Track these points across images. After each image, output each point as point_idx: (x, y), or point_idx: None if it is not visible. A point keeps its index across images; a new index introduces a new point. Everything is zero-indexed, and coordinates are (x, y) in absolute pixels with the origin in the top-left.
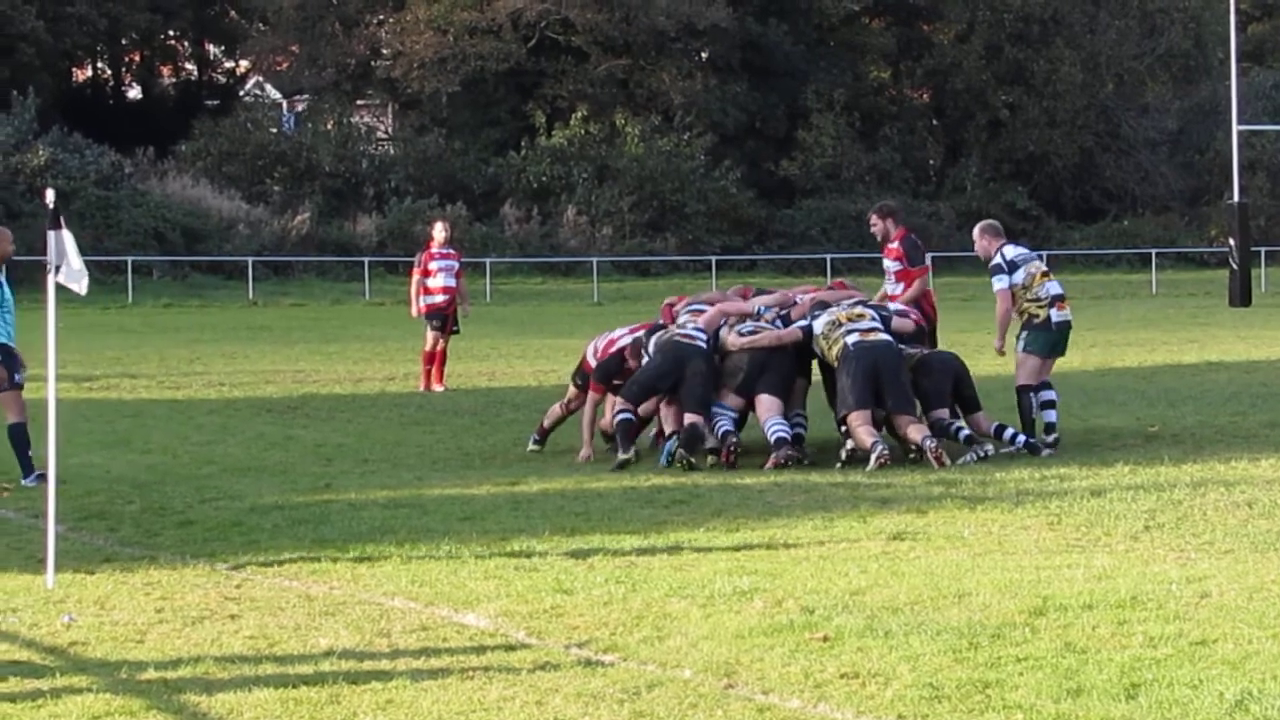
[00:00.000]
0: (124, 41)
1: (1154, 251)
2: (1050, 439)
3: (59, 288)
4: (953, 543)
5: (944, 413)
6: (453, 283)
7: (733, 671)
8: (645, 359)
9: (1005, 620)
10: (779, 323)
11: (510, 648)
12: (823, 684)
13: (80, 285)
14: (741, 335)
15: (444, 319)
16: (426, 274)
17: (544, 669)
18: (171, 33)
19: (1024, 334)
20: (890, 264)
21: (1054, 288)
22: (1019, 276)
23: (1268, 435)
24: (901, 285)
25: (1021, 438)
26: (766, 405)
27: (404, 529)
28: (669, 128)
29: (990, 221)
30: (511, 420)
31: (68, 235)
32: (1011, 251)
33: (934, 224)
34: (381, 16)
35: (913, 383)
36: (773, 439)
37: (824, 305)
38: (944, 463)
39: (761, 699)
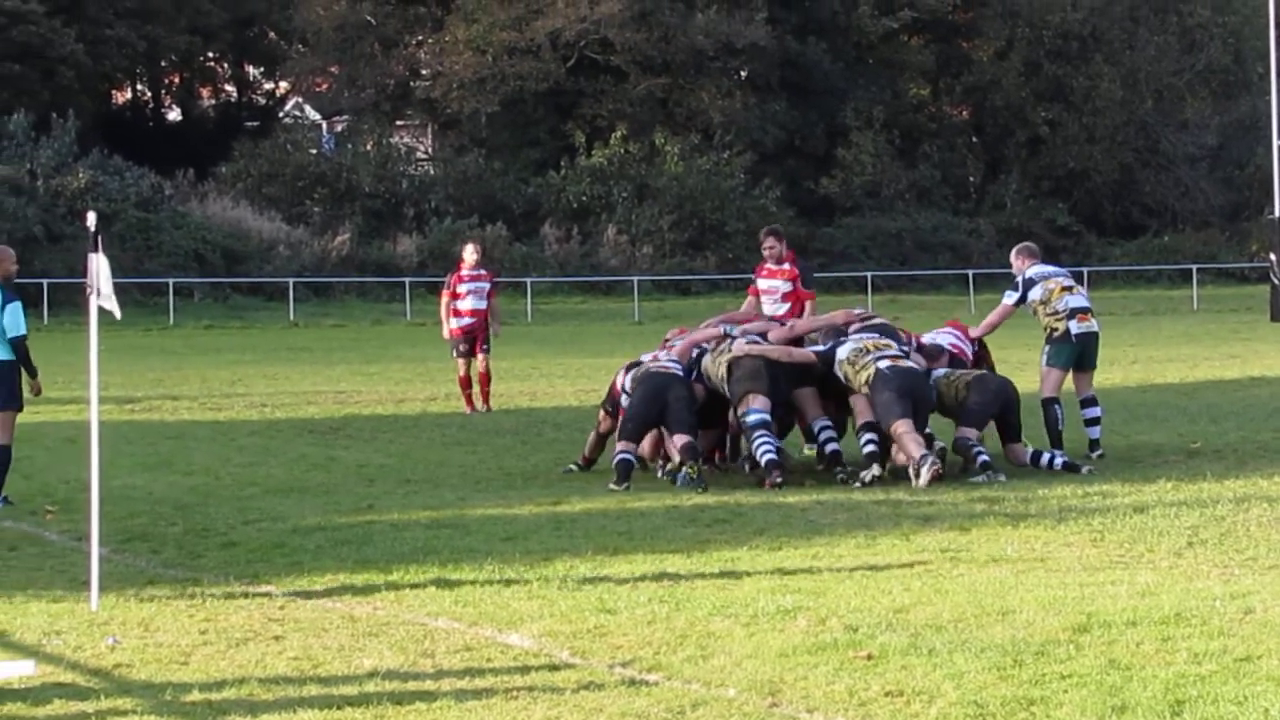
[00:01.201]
0: (163, 63)
1: (1195, 267)
2: (1095, 454)
3: (100, 310)
4: (996, 560)
5: (972, 433)
6: (482, 305)
7: (777, 690)
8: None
9: (1049, 637)
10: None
11: (554, 668)
12: (867, 702)
13: (113, 307)
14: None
15: (472, 342)
16: (455, 296)
17: (588, 689)
18: (211, 54)
19: (1046, 348)
20: (780, 284)
21: (1075, 300)
22: (1035, 293)
23: None
24: (788, 306)
25: (1060, 459)
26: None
27: (447, 549)
28: (708, 146)
29: (1027, 244)
30: (553, 440)
31: (103, 260)
32: (1034, 270)
33: (974, 241)
34: (420, 37)
35: (964, 398)
36: (762, 461)
37: (839, 332)
38: (939, 476)
39: (806, 717)
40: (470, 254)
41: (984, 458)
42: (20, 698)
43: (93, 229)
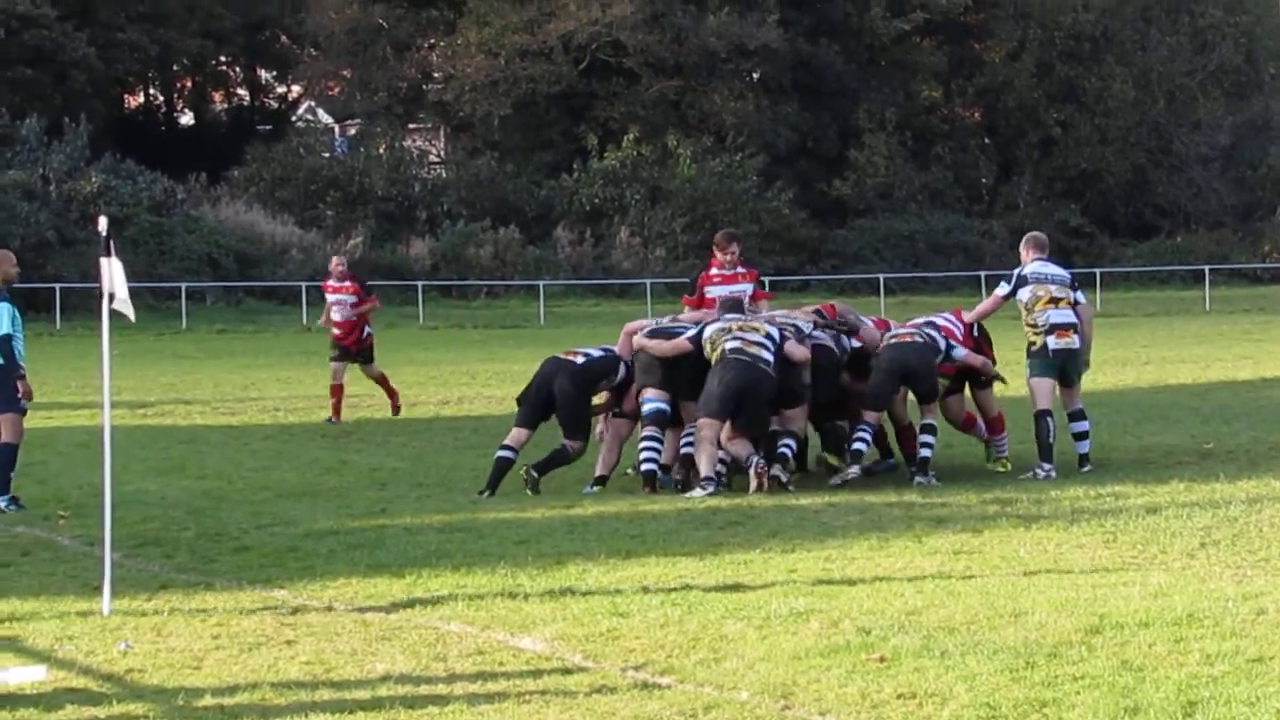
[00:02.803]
0: (175, 67)
1: (1207, 268)
2: (1083, 469)
3: (112, 314)
4: (1008, 562)
5: (871, 418)
6: (346, 316)
7: (790, 693)
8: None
9: (1062, 639)
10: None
11: (567, 671)
12: (880, 704)
13: (128, 310)
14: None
15: (344, 350)
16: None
17: (600, 692)
18: (223, 58)
19: (1028, 361)
20: (746, 287)
21: (1056, 316)
22: (1024, 294)
23: None
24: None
25: (1045, 471)
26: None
27: (459, 553)
28: (721, 149)
29: (1035, 235)
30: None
31: (116, 263)
32: (1031, 268)
33: (987, 242)
34: (433, 40)
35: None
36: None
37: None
38: (763, 485)
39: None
40: (333, 265)
41: (858, 445)
42: (33, 703)
43: (105, 233)
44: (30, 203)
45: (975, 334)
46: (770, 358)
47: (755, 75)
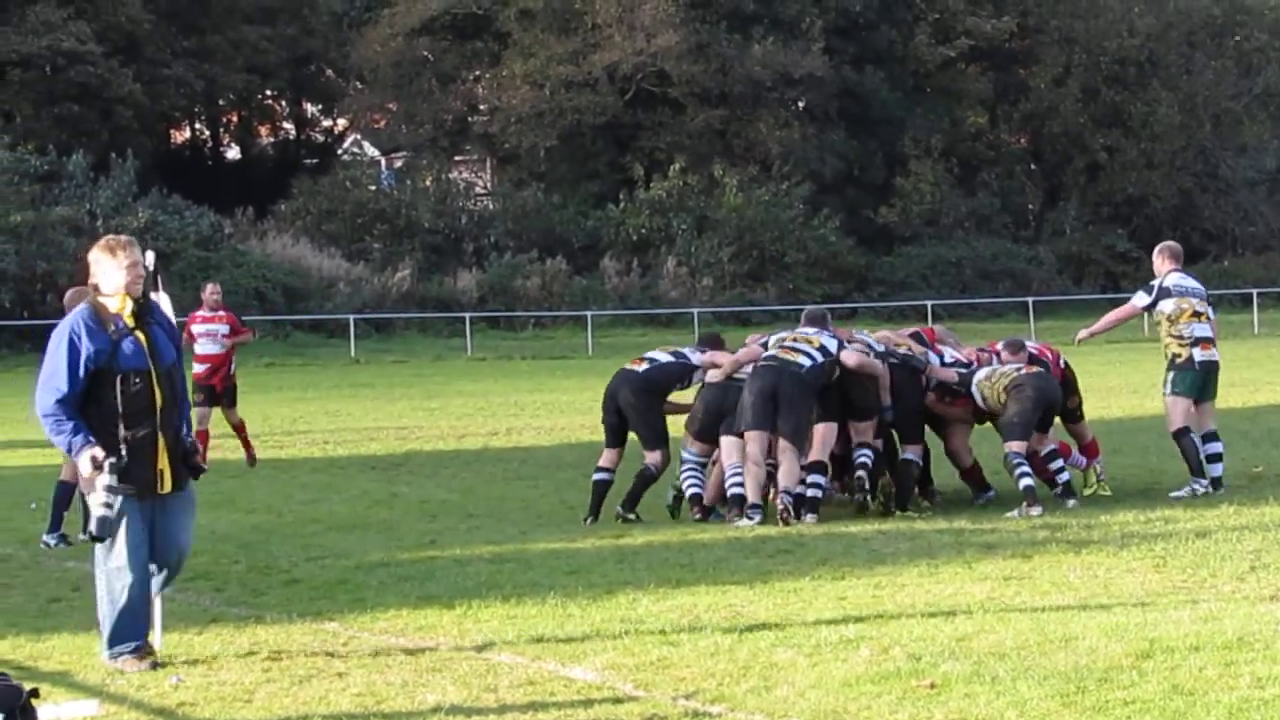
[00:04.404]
0: (221, 102)
1: (1255, 291)
2: (1218, 490)
3: None
4: (1058, 587)
5: (1017, 446)
6: (218, 349)
7: (840, 719)
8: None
9: (1112, 664)
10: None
11: (618, 700)
12: None
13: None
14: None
15: (210, 391)
16: (192, 339)
17: None
18: (269, 92)
19: (1169, 375)
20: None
21: (1201, 329)
22: (1167, 306)
23: None
24: None
25: (1198, 488)
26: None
27: (509, 584)
28: (767, 177)
29: (1171, 244)
30: (618, 473)
31: (164, 297)
32: (1174, 280)
33: (1034, 268)
34: (478, 72)
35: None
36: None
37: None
38: (788, 522)
39: None
40: (207, 293)
41: (1026, 481)
42: None
43: (152, 268)
44: (78, 238)
45: (1063, 367)
46: (807, 362)
47: (800, 104)
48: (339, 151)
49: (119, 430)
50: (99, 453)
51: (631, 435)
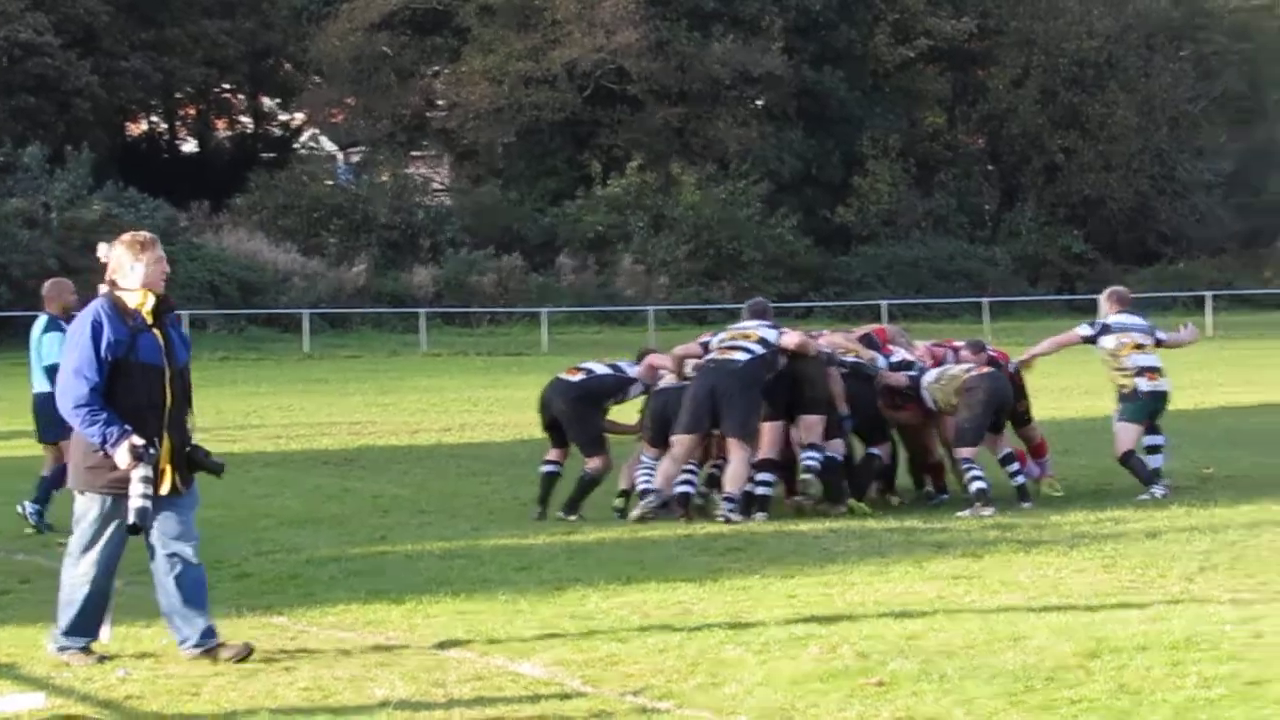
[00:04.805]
0: (179, 95)
1: (1209, 294)
2: (1159, 484)
3: None
4: (1008, 586)
5: (967, 452)
6: None
7: (788, 717)
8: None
9: (1060, 663)
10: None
11: (566, 696)
12: None
13: None
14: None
15: None
16: None
17: (599, 717)
18: (226, 86)
19: (1119, 406)
20: None
21: (1145, 359)
22: (1109, 342)
23: None
24: None
25: (1158, 491)
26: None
27: (460, 579)
28: (724, 176)
29: (1118, 289)
30: (567, 470)
31: None
32: (1115, 319)
33: (990, 269)
34: (437, 68)
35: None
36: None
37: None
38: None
39: None
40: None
41: (979, 484)
42: None
43: (105, 260)
44: (32, 231)
45: (1013, 370)
46: (744, 356)
47: (759, 102)
48: (296, 146)
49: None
50: (139, 441)
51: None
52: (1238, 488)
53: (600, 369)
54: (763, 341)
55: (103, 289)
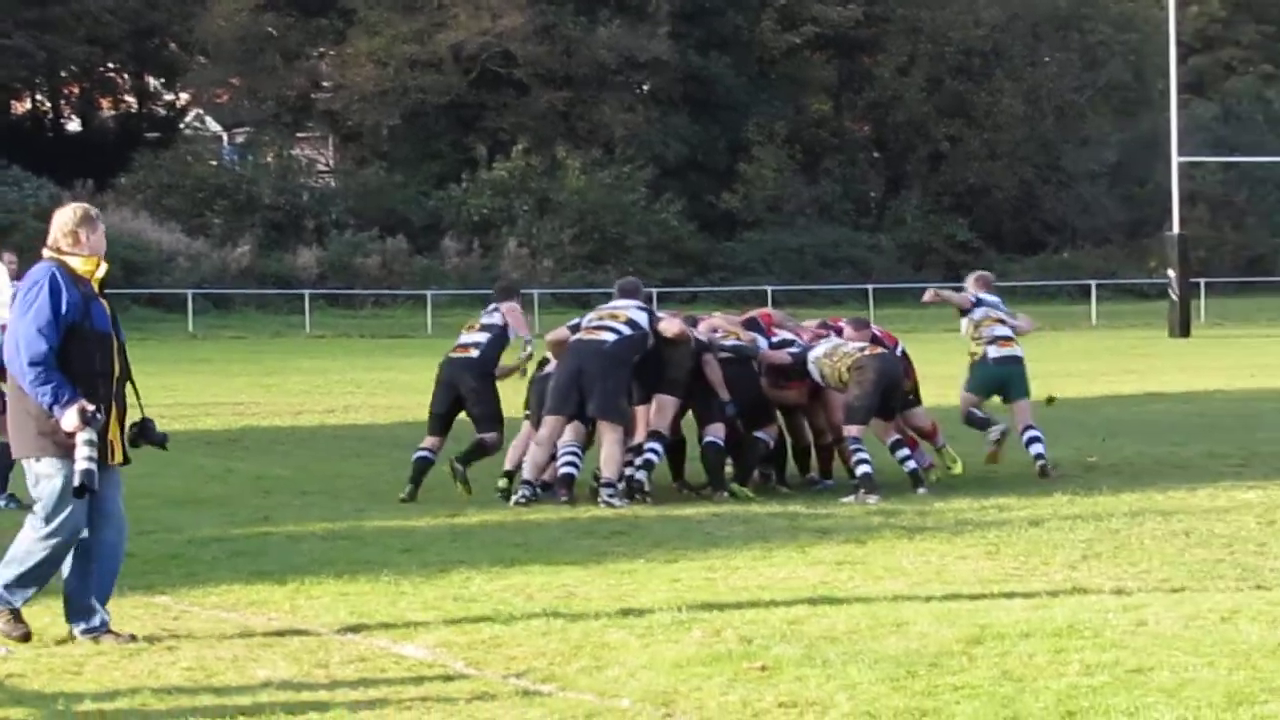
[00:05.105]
0: (63, 74)
1: (1094, 283)
2: (1042, 464)
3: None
4: (891, 573)
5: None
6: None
7: (671, 701)
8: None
9: (943, 649)
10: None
11: (448, 678)
12: (760, 713)
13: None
14: None
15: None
16: None
17: (482, 699)
18: (111, 65)
19: (968, 374)
20: None
21: (999, 330)
22: (978, 314)
23: (1205, 465)
24: None
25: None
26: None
27: (343, 561)
28: (610, 160)
29: (984, 273)
30: (451, 452)
31: (1, 269)
32: (986, 297)
33: (875, 256)
34: (322, 49)
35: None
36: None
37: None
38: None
39: None
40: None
41: (864, 469)
42: None
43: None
44: None
45: (901, 354)
46: (611, 337)
47: (645, 87)
48: (181, 126)
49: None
50: (89, 405)
51: (462, 417)
52: (1121, 476)
53: (483, 337)
54: (631, 323)
55: (48, 254)
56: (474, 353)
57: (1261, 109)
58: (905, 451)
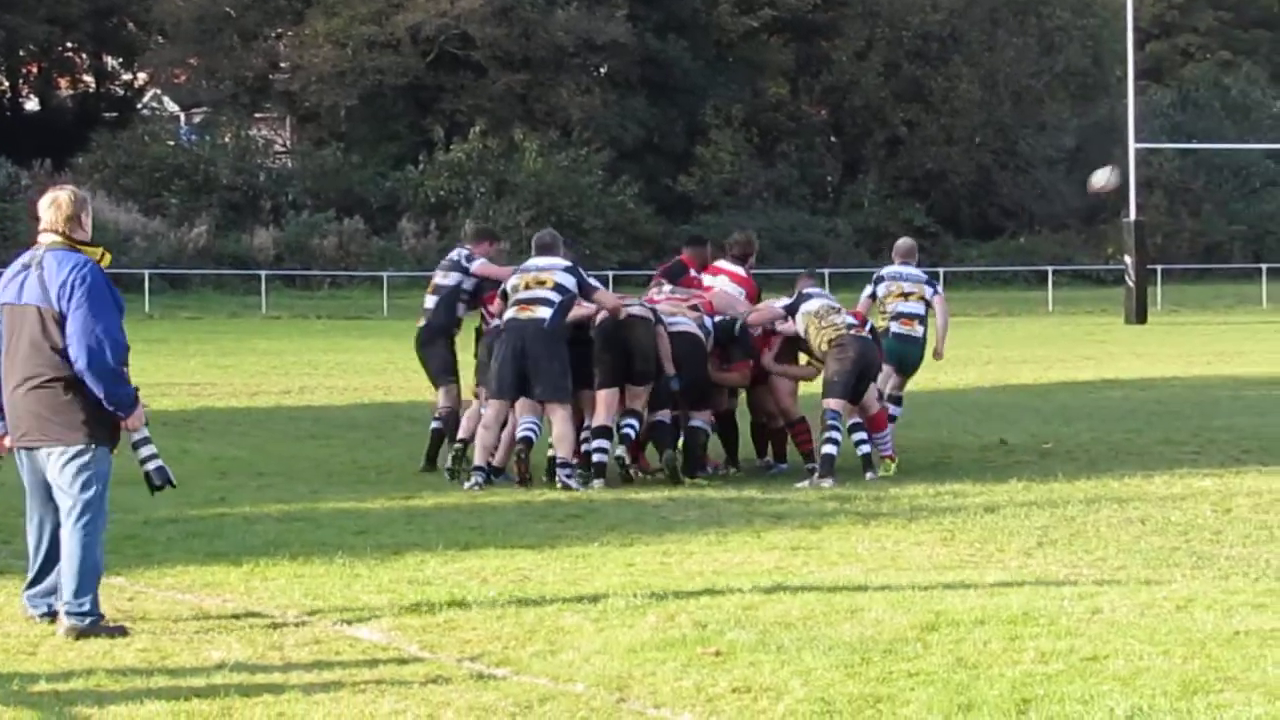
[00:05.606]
0: (21, 53)
1: (1050, 269)
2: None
3: None
4: (846, 558)
5: (835, 404)
6: None
7: (625, 685)
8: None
9: (897, 636)
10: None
11: (403, 661)
12: (714, 698)
13: None
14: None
15: None
16: None
17: (436, 682)
18: (69, 44)
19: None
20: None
21: (904, 306)
22: (879, 290)
23: (1161, 452)
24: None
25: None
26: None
27: (298, 543)
28: (567, 143)
29: (903, 240)
30: (408, 434)
31: None
32: (889, 270)
33: (831, 240)
34: (280, 30)
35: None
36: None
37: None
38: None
39: (654, 713)
40: None
41: (828, 449)
42: None
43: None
44: None
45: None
46: (547, 313)
47: (603, 70)
48: (139, 106)
49: None
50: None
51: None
52: (1076, 463)
53: (435, 301)
54: (559, 288)
55: (46, 239)
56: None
57: (1219, 96)
58: (863, 435)
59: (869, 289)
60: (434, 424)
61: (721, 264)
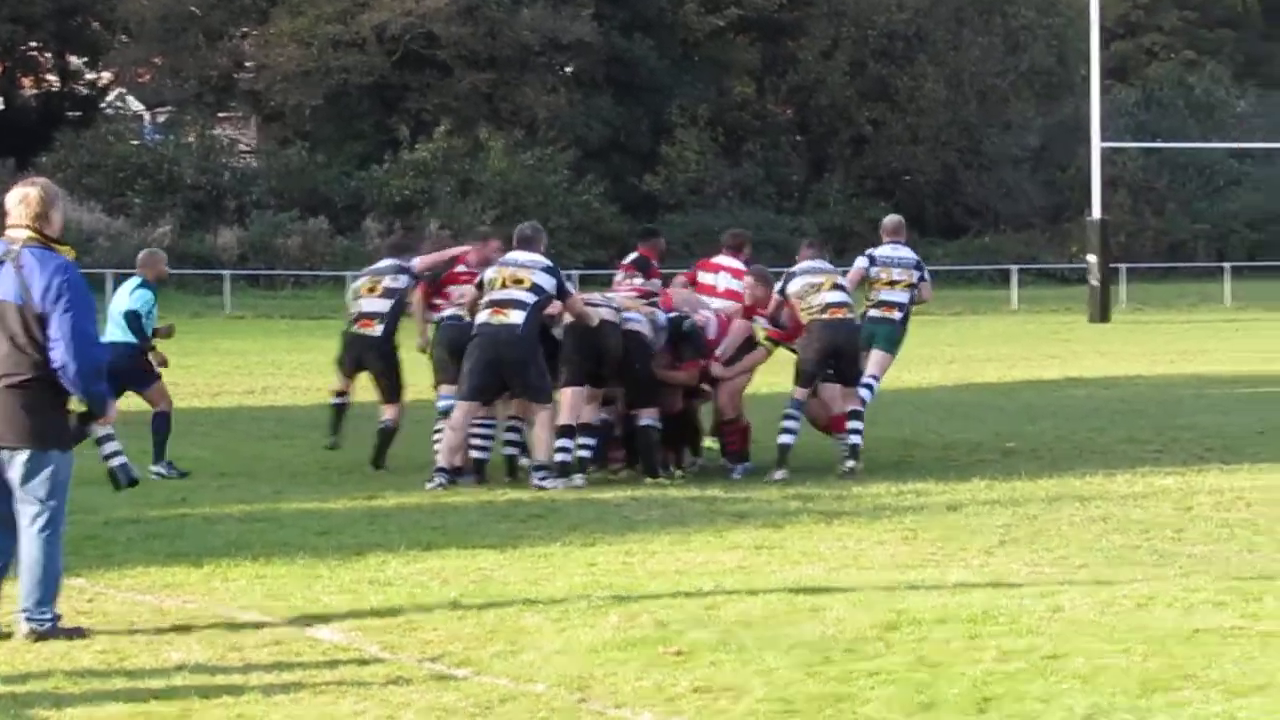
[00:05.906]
0: None
1: (1015, 268)
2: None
3: None
4: (808, 557)
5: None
6: None
7: (586, 685)
8: None
9: (859, 635)
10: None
11: (363, 662)
12: (675, 698)
13: None
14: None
15: None
16: None
17: (396, 683)
18: (33, 43)
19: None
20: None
21: (888, 294)
22: (873, 272)
23: (1124, 451)
24: None
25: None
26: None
27: (259, 543)
28: (532, 142)
29: (891, 217)
30: (370, 435)
31: None
32: (882, 251)
33: (797, 239)
34: (245, 29)
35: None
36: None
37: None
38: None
39: (614, 713)
40: None
41: (784, 439)
42: None
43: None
44: None
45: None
46: (520, 317)
47: (568, 69)
48: (103, 105)
49: None
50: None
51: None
52: (1040, 461)
53: (380, 305)
54: (535, 288)
55: (19, 235)
56: (374, 327)
57: (1183, 95)
58: (858, 425)
59: (863, 261)
60: (382, 423)
61: (720, 259)
